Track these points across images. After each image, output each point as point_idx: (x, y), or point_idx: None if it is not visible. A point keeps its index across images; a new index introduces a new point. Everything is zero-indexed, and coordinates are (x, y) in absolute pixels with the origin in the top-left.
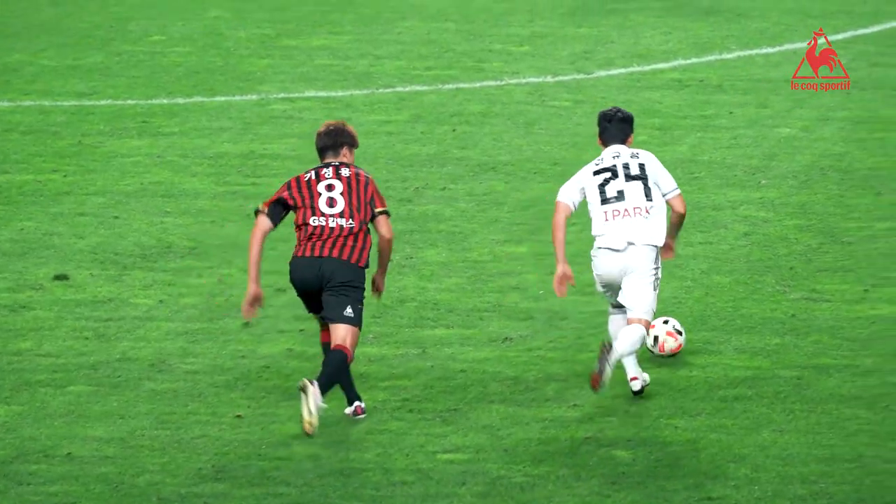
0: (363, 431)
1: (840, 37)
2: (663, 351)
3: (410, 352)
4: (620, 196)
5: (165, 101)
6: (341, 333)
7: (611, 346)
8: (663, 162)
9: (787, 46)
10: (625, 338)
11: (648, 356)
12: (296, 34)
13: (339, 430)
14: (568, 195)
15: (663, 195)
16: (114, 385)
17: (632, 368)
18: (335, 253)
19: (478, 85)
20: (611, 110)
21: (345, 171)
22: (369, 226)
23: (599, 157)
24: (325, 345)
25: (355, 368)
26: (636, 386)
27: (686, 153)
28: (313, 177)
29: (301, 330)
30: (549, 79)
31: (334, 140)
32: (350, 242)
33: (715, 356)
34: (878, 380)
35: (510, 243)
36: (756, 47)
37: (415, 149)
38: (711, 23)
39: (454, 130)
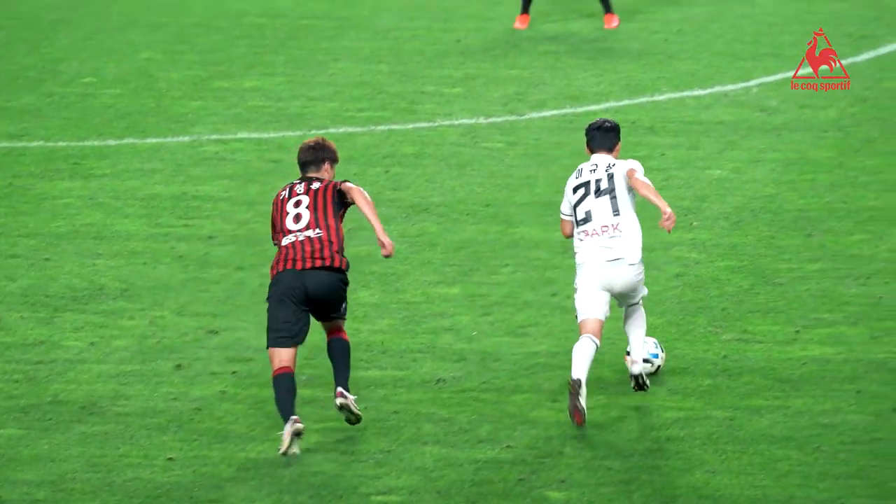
0: (296, 474)
1: (770, 79)
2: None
3: None
4: (588, 217)
5: (97, 142)
6: (336, 325)
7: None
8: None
9: (717, 88)
10: (635, 325)
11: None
12: (228, 76)
13: (272, 472)
14: (566, 209)
15: (626, 174)
16: (44, 428)
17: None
18: (317, 263)
19: (410, 126)
20: (598, 120)
21: (315, 185)
22: (338, 226)
23: (579, 169)
24: (281, 377)
25: None
26: (636, 369)
27: None
28: (286, 195)
29: (234, 372)
30: (482, 120)
31: (316, 155)
32: (325, 249)
33: (647, 397)
34: (809, 420)
35: (443, 284)
36: (687, 89)
37: None
38: (643, 65)
39: (387, 172)
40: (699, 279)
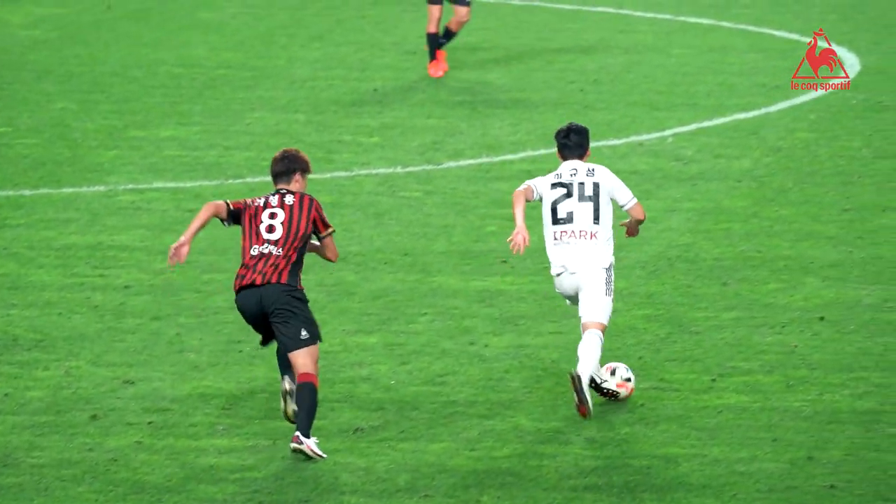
0: None
1: (685, 129)
2: (618, 400)
3: (261, 443)
4: (569, 218)
5: (11, 192)
6: (301, 360)
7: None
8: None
9: (633, 138)
10: (584, 355)
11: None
12: (144, 125)
13: None
14: (535, 184)
15: (622, 206)
16: None
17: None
18: (273, 279)
19: (328, 176)
20: (568, 125)
21: (289, 199)
22: (303, 251)
23: (557, 172)
24: (282, 357)
25: (204, 461)
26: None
27: (535, 243)
28: (261, 204)
29: (150, 422)
30: (399, 169)
31: (287, 166)
32: (283, 267)
33: (565, 446)
34: (725, 469)
35: (361, 333)
36: (603, 139)
37: None
38: (559, 115)
39: None
40: (616, 328)
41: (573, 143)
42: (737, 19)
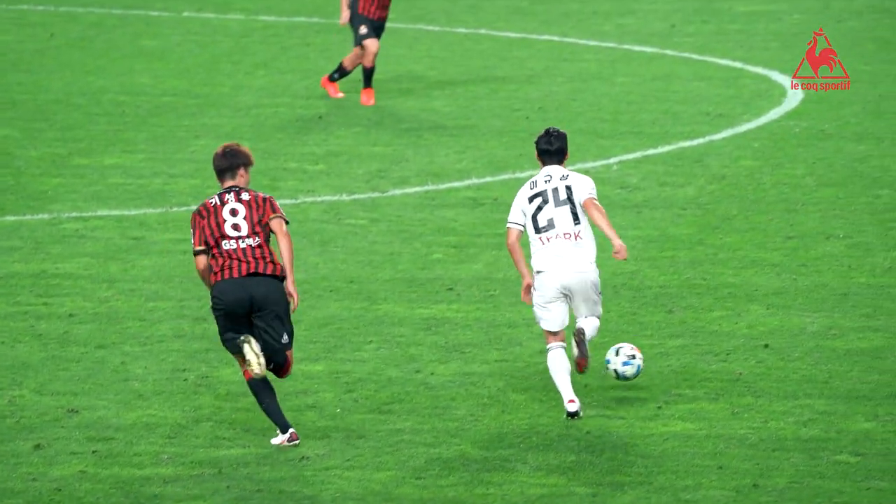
0: None
1: (630, 157)
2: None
3: (206, 472)
4: (551, 224)
5: None
6: (277, 360)
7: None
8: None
9: (578, 166)
10: (590, 326)
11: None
12: (88, 153)
13: None
14: (515, 218)
15: (579, 202)
16: None
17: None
18: (259, 269)
19: None
20: (548, 131)
21: (245, 196)
22: (271, 238)
23: (533, 180)
24: (249, 381)
25: (149, 490)
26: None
27: (481, 271)
28: (218, 202)
29: (94, 451)
30: (345, 197)
31: (230, 162)
32: (266, 257)
33: (511, 474)
34: (671, 496)
35: (306, 361)
36: None
37: None
38: (504, 142)
39: None
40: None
41: (554, 147)
42: (680, 48)
